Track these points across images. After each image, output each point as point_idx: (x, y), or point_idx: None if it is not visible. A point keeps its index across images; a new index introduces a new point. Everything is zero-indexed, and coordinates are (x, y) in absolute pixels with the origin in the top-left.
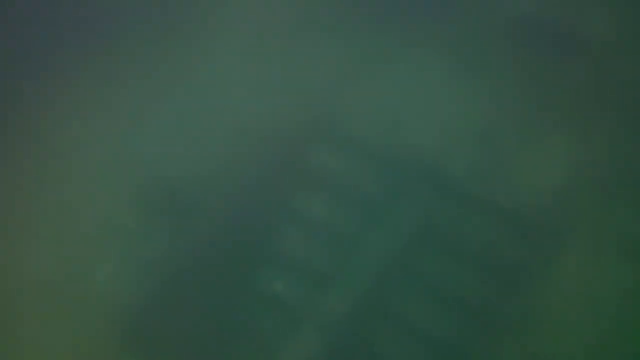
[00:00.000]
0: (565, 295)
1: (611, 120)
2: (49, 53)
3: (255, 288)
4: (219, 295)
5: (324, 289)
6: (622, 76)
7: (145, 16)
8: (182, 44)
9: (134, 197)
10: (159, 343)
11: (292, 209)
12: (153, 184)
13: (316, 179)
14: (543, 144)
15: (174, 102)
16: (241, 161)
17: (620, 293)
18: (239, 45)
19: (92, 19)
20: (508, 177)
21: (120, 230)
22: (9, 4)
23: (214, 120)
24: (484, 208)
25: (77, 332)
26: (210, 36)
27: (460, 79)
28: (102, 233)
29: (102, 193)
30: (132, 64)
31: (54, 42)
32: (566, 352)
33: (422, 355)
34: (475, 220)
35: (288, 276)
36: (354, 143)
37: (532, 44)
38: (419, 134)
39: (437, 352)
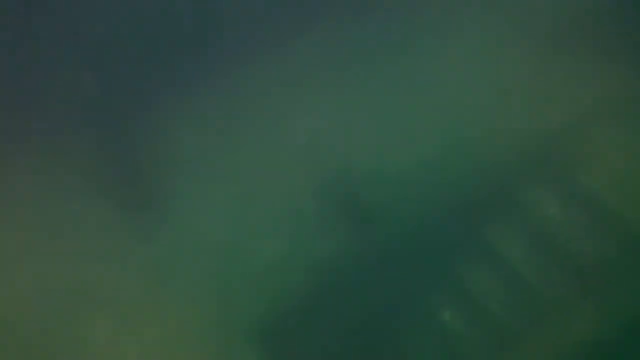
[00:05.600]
0: None
1: None
2: None
3: (420, 310)
4: (379, 310)
5: (491, 337)
6: None
7: None
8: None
9: (320, 189)
10: (294, 344)
11: (488, 243)
12: (341, 180)
13: (526, 219)
14: None
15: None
16: (449, 174)
17: None
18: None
19: None
20: None
21: (299, 218)
22: None
23: (430, 122)
24: None
25: (223, 293)
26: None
27: None
28: (280, 215)
29: (290, 178)
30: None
31: None
32: None
33: None
34: None
35: (460, 310)
36: (578, 192)
37: None
38: None
39: None
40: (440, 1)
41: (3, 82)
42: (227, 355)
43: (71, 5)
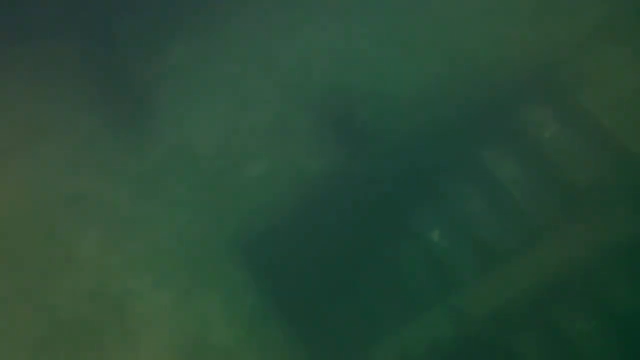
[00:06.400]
0: None
1: None
2: None
3: (409, 230)
4: (368, 226)
5: (480, 256)
6: None
7: None
8: None
9: (313, 102)
10: (280, 258)
11: (481, 164)
12: (335, 96)
13: (521, 140)
14: None
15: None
16: (446, 91)
17: None
18: None
19: None
20: None
21: (288, 131)
22: None
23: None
24: None
25: (211, 208)
26: None
27: None
28: (267, 129)
29: (279, 91)
30: None
31: None
32: None
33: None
34: None
35: (449, 231)
36: (577, 113)
37: None
38: None
39: None
40: None
41: None
42: (215, 268)
43: None
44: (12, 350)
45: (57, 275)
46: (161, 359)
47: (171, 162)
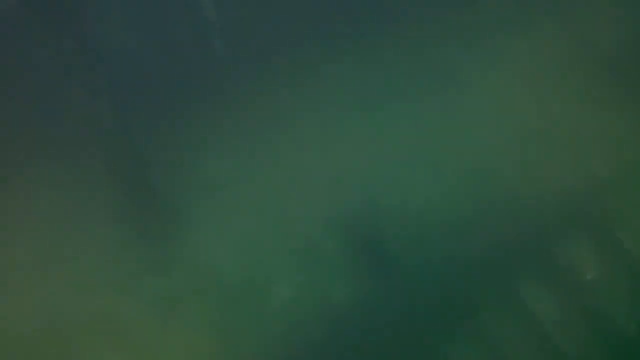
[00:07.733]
0: None
1: None
2: None
3: None
4: None
5: None
6: None
7: None
8: None
9: (341, 224)
10: None
11: (516, 297)
12: (363, 217)
13: (561, 279)
14: None
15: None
16: (480, 219)
17: None
18: None
19: None
20: None
21: (314, 254)
22: None
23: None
24: None
25: (235, 331)
26: None
27: None
28: (293, 251)
29: (306, 212)
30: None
31: None
32: None
33: None
34: None
35: None
36: (619, 252)
37: None
38: None
39: None
40: (478, 23)
41: (18, 107)
42: None
43: (94, 34)
44: None
45: None
46: None
47: (194, 284)
